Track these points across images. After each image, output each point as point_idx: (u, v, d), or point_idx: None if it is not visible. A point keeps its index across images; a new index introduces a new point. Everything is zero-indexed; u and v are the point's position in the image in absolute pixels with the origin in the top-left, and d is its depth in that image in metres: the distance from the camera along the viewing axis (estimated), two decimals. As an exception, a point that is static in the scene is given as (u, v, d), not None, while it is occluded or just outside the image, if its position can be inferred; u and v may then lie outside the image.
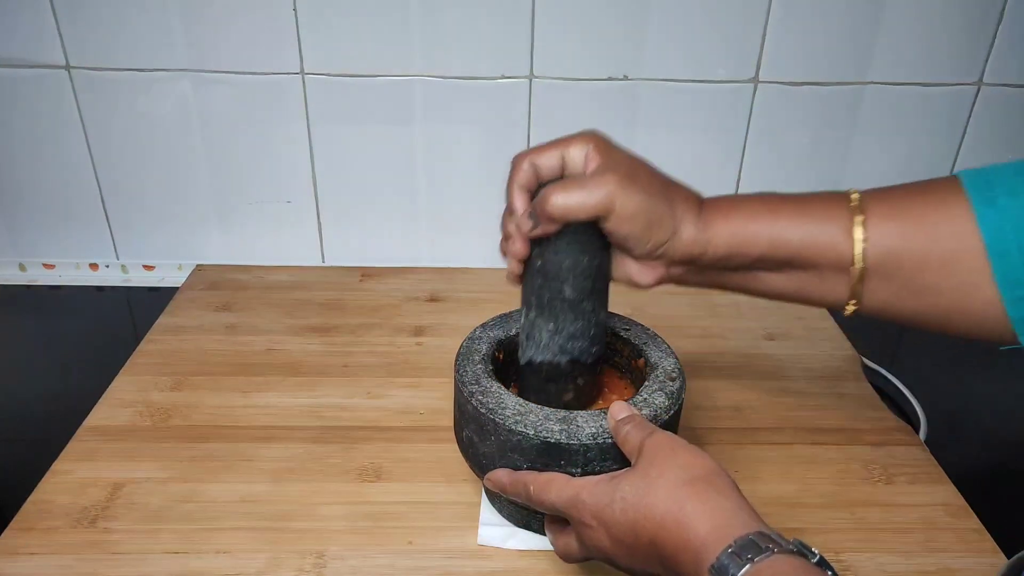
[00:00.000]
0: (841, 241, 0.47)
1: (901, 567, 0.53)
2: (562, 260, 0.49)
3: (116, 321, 0.86)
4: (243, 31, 0.77)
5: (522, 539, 0.54)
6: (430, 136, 0.83)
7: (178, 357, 0.73)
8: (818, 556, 0.38)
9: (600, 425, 0.47)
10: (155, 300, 0.83)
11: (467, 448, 0.52)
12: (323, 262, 0.91)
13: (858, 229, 0.47)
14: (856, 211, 0.47)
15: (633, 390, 0.56)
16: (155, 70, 0.79)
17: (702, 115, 0.83)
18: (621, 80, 0.81)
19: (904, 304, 0.48)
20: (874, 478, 0.61)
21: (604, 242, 0.49)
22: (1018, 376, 0.77)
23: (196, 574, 0.51)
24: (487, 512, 0.56)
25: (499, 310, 0.60)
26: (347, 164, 0.85)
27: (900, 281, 0.47)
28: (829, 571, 0.37)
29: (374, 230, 0.89)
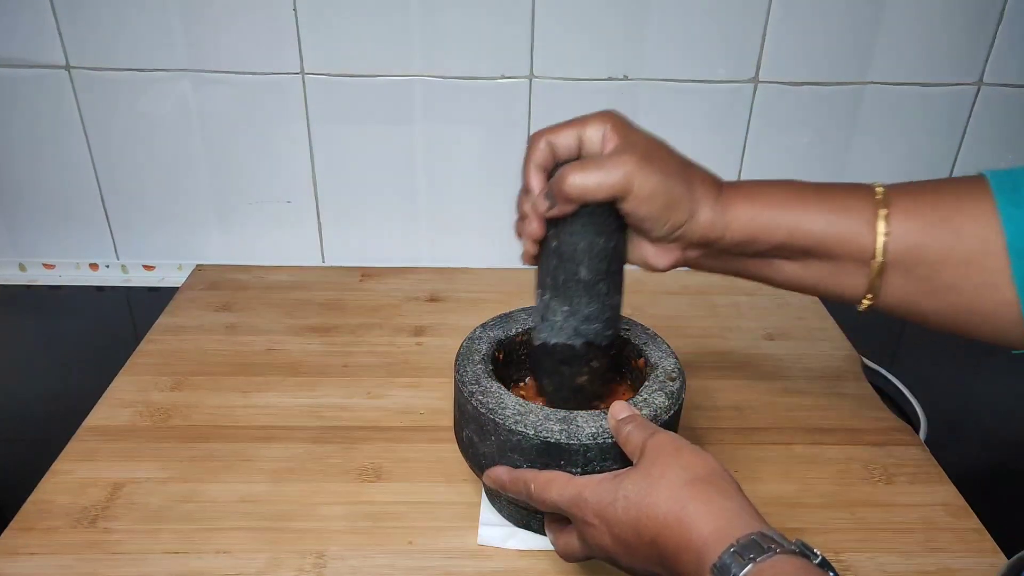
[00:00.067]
0: (864, 233, 0.46)
1: (901, 567, 0.53)
2: (578, 241, 0.48)
3: (116, 321, 0.86)
4: (243, 31, 0.77)
5: (522, 539, 0.54)
6: (430, 136, 0.83)
7: (178, 357, 0.73)
8: (820, 557, 0.38)
9: (600, 425, 0.47)
10: (155, 300, 0.83)
11: (467, 448, 0.52)
12: (323, 262, 0.91)
13: (881, 223, 0.46)
14: (880, 204, 0.46)
15: (633, 390, 0.56)
16: (155, 70, 0.79)
17: (702, 115, 0.83)
18: (621, 80, 0.81)
19: (921, 301, 0.47)
20: (874, 478, 0.61)
21: (620, 223, 0.48)
22: (1018, 376, 0.77)
23: (196, 574, 0.51)
24: (487, 512, 0.56)
25: (499, 310, 0.60)
26: (347, 164, 0.85)
27: (919, 277, 0.46)
28: (831, 572, 0.37)
29: (374, 230, 0.89)
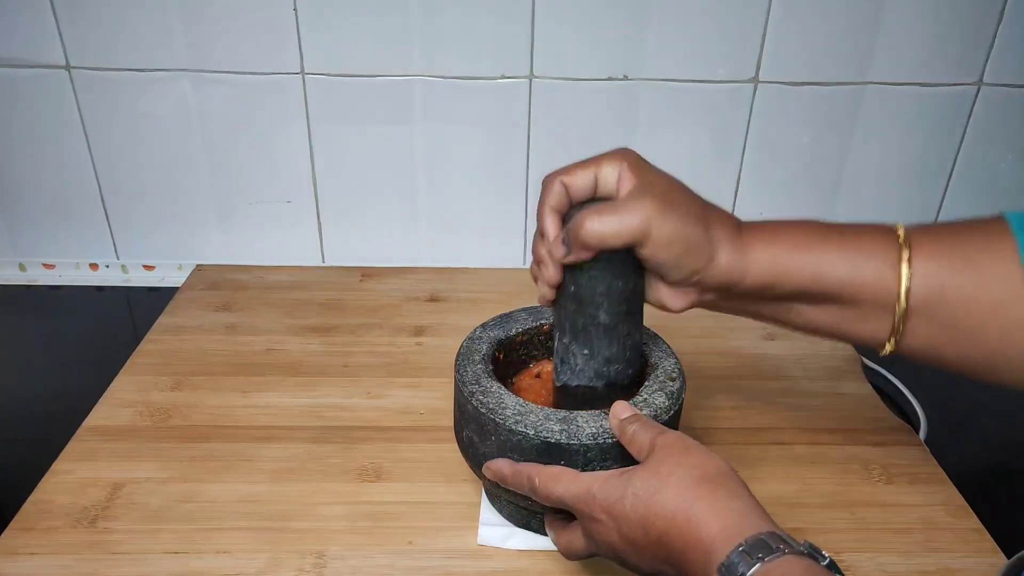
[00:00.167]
0: (887, 277, 0.45)
1: (901, 567, 0.53)
2: (596, 286, 0.48)
3: (116, 321, 0.86)
4: (243, 31, 0.77)
5: (522, 539, 0.54)
6: (430, 136, 0.83)
7: (178, 357, 0.73)
8: (828, 559, 0.38)
9: (600, 425, 0.47)
10: (155, 300, 0.83)
11: (467, 448, 0.52)
12: (323, 262, 0.91)
13: (904, 266, 0.45)
14: (903, 246, 0.45)
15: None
16: (155, 70, 0.79)
17: (702, 115, 0.83)
18: (621, 80, 0.81)
19: (945, 346, 0.46)
20: (874, 478, 0.61)
21: (638, 265, 0.48)
22: (1018, 376, 0.77)
23: (196, 574, 0.51)
24: (487, 512, 0.56)
25: (499, 310, 0.60)
26: (347, 164, 0.85)
27: (943, 322, 0.45)
28: (838, 575, 0.37)
29: (374, 230, 0.89)
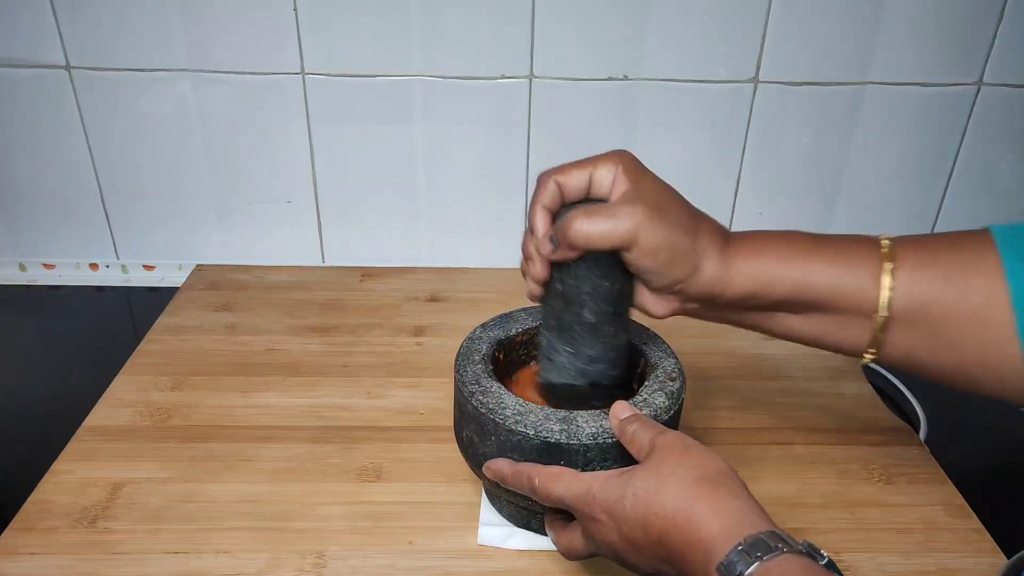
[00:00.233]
0: (869, 287, 0.46)
1: (901, 567, 0.53)
2: (582, 284, 0.48)
3: (116, 321, 0.86)
4: (243, 31, 0.77)
5: (522, 539, 0.54)
6: (430, 136, 0.83)
7: (178, 357, 0.73)
8: (827, 559, 0.38)
9: (600, 425, 0.47)
10: (155, 300, 0.83)
11: (467, 448, 0.52)
12: (323, 262, 0.91)
13: (887, 277, 0.45)
14: (886, 257, 0.46)
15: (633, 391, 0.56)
16: (155, 70, 0.79)
17: (702, 115, 0.83)
18: (621, 80, 0.81)
19: (925, 356, 0.47)
20: (874, 478, 0.61)
21: (625, 266, 0.48)
22: (1018, 376, 0.77)
23: (196, 574, 0.51)
24: (487, 512, 0.56)
25: (499, 310, 0.60)
26: (347, 164, 0.85)
27: (924, 332, 0.46)
28: (837, 575, 0.37)
29: (374, 230, 0.89)
